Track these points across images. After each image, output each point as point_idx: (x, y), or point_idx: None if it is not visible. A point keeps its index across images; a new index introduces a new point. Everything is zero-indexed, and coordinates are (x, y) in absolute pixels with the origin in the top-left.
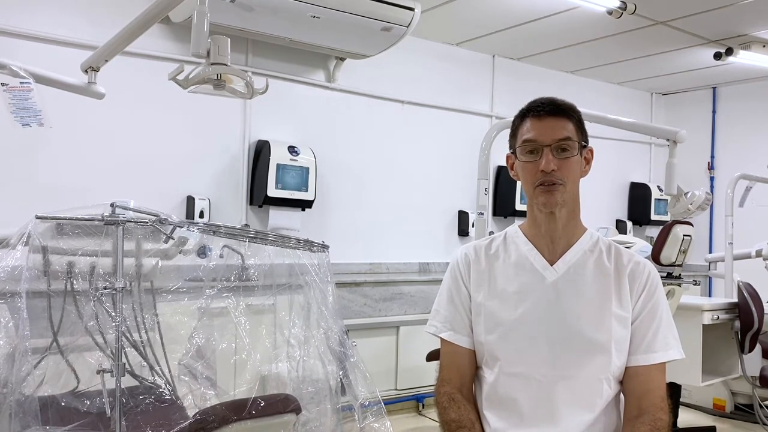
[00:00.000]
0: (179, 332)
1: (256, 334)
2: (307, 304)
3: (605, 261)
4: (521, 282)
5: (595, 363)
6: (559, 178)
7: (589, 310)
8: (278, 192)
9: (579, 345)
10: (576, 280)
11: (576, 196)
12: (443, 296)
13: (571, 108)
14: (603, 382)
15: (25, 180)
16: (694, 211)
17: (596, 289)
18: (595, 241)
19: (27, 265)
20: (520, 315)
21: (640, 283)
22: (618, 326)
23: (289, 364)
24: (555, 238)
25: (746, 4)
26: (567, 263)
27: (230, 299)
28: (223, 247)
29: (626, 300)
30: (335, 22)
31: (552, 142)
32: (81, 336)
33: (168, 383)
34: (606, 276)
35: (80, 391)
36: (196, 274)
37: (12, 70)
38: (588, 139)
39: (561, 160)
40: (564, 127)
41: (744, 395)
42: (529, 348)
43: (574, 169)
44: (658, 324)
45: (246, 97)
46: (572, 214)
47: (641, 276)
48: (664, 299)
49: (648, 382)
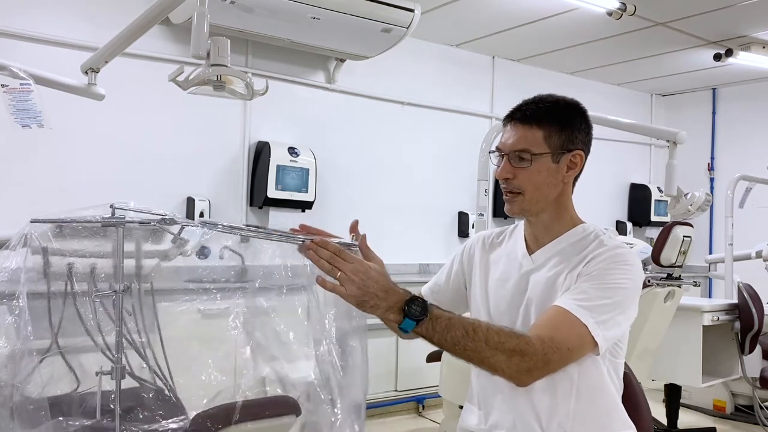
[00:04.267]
0: (179, 333)
1: (256, 335)
2: (308, 305)
3: (579, 252)
4: (503, 270)
5: None
6: (516, 186)
7: (541, 303)
8: (278, 193)
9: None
10: (543, 272)
11: (556, 200)
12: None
13: (553, 112)
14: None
15: (25, 181)
16: (694, 212)
17: (552, 280)
18: (586, 235)
19: (27, 267)
20: (495, 301)
21: (587, 261)
22: None
23: (290, 366)
24: (539, 237)
25: (746, 6)
26: (545, 255)
27: (231, 300)
28: (223, 248)
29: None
30: (335, 24)
31: (510, 151)
32: (81, 337)
33: (168, 385)
34: (568, 266)
35: (80, 393)
36: (196, 275)
37: (12, 71)
38: (584, 141)
39: (517, 168)
40: (525, 137)
41: (744, 396)
42: None
43: (534, 178)
44: (584, 288)
45: (246, 99)
46: (555, 216)
47: (592, 257)
48: (610, 276)
49: (545, 317)
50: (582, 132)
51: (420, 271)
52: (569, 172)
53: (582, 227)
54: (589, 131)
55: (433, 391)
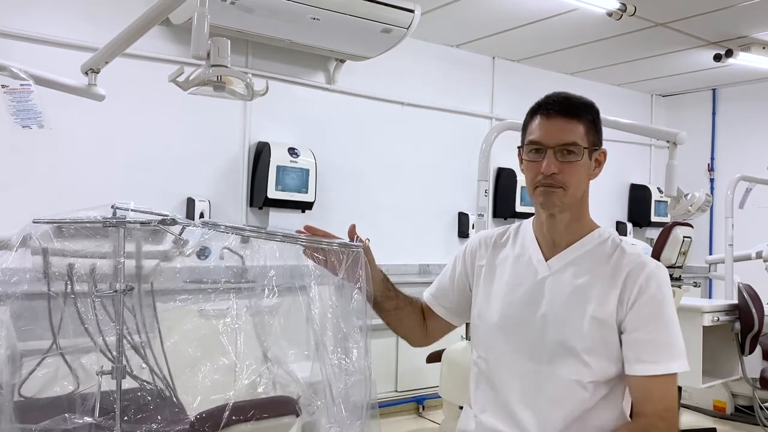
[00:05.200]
0: (179, 334)
1: (257, 335)
2: (308, 306)
3: (603, 262)
4: (515, 274)
5: (566, 365)
6: (560, 181)
7: (567, 311)
8: (278, 193)
9: (550, 345)
10: (564, 280)
11: (581, 199)
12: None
13: (586, 107)
14: (577, 385)
15: (25, 181)
16: (694, 213)
17: (582, 290)
18: (603, 240)
19: (27, 267)
20: (505, 306)
21: (633, 290)
22: (596, 330)
23: (290, 366)
24: (556, 239)
25: (746, 6)
26: (562, 261)
27: (231, 301)
28: (224, 248)
29: (613, 303)
30: (335, 24)
31: (556, 145)
32: (81, 338)
33: (168, 385)
34: (597, 278)
35: (80, 393)
36: (197, 276)
37: (12, 71)
38: (602, 140)
39: (564, 163)
40: (572, 129)
41: (744, 397)
42: (505, 340)
43: (578, 173)
44: (656, 332)
45: (246, 99)
46: (577, 216)
47: (635, 282)
48: (665, 303)
49: (646, 390)
50: (601, 131)
51: (420, 272)
52: (596, 169)
53: (598, 232)
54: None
55: (434, 391)
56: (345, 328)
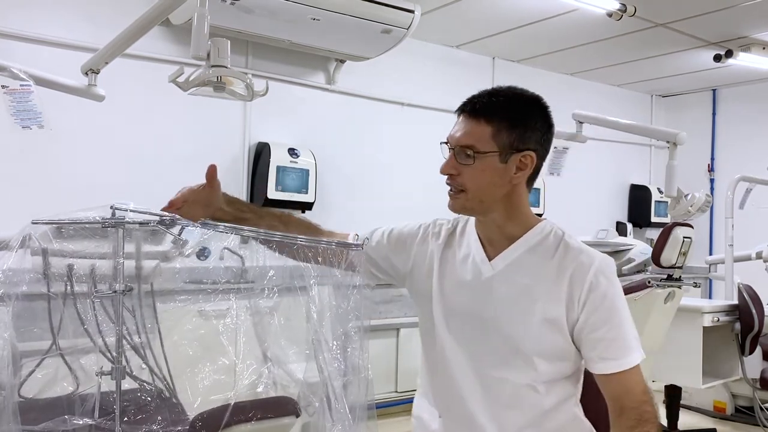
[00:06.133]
0: (179, 334)
1: (256, 336)
2: (308, 306)
3: (547, 260)
4: (461, 274)
5: (517, 367)
6: (459, 183)
7: (515, 312)
8: (278, 194)
9: (501, 349)
10: (510, 279)
11: (505, 201)
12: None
13: (501, 108)
14: (530, 389)
15: (25, 181)
16: (694, 213)
17: (528, 290)
18: (545, 236)
19: (26, 268)
20: (448, 305)
21: (583, 288)
22: (547, 331)
23: (290, 367)
24: (493, 239)
25: (746, 6)
26: (505, 260)
27: (230, 301)
28: (223, 249)
29: (562, 302)
30: (335, 25)
31: (455, 145)
32: (81, 338)
33: (168, 385)
34: (542, 277)
35: (80, 394)
36: (196, 276)
37: (12, 72)
38: (524, 143)
39: (461, 165)
40: (472, 132)
41: (744, 397)
42: (454, 344)
43: (478, 177)
44: (615, 329)
45: (246, 99)
46: (507, 216)
47: (584, 280)
48: (616, 297)
49: (621, 384)
50: (538, 131)
51: None
52: (518, 173)
53: (539, 227)
54: (548, 131)
55: None
56: (343, 327)
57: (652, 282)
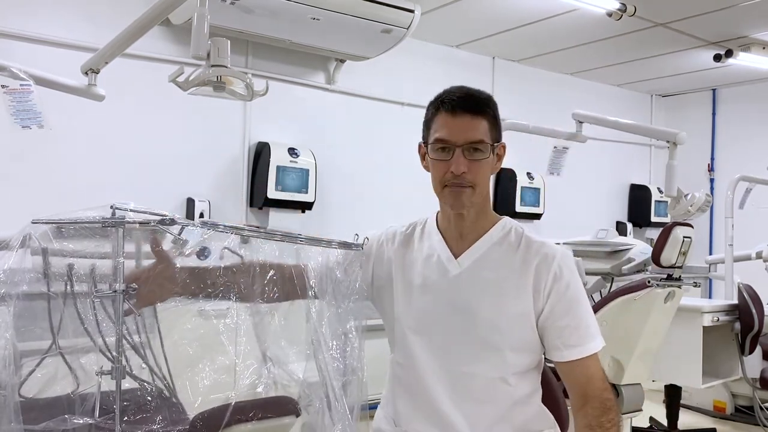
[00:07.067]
0: (179, 334)
1: (256, 336)
2: (307, 306)
3: (512, 254)
4: (426, 275)
5: (488, 361)
6: (469, 180)
7: (484, 307)
8: (278, 194)
9: (471, 344)
10: (477, 275)
11: (486, 194)
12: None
13: (487, 102)
14: (500, 381)
15: (25, 181)
16: (694, 213)
17: (496, 285)
18: (507, 232)
19: (26, 268)
20: (419, 309)
21: (548, 279)
22: (516, 324)
23: (290, 366)
24: (463, 234)
25: (746, 6)
26: (471, 257)
27: (230, 301)
28: (223, 248)
29: (529, 296)
30: (335, 24)
31: (464, 143)
32: (81, 338)
33: (168, 385)
34: (509, 271)
35: (80, 393)
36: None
37: (12, 72)
38: (501, 133)
39: (472, 161)
40: (477, 127)
41: (744, 397)
42: (423, 345)
43: (485, 170)
44: (578, 317)
45: (246, 99)
46: (482, 210)
47: (548, 270)
48: (578, 287)
49: (583, 372)
50: (500, 124)
51: None
52: (497, 163)
53: (501, 224)
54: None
55: None
56: (342, 327)
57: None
